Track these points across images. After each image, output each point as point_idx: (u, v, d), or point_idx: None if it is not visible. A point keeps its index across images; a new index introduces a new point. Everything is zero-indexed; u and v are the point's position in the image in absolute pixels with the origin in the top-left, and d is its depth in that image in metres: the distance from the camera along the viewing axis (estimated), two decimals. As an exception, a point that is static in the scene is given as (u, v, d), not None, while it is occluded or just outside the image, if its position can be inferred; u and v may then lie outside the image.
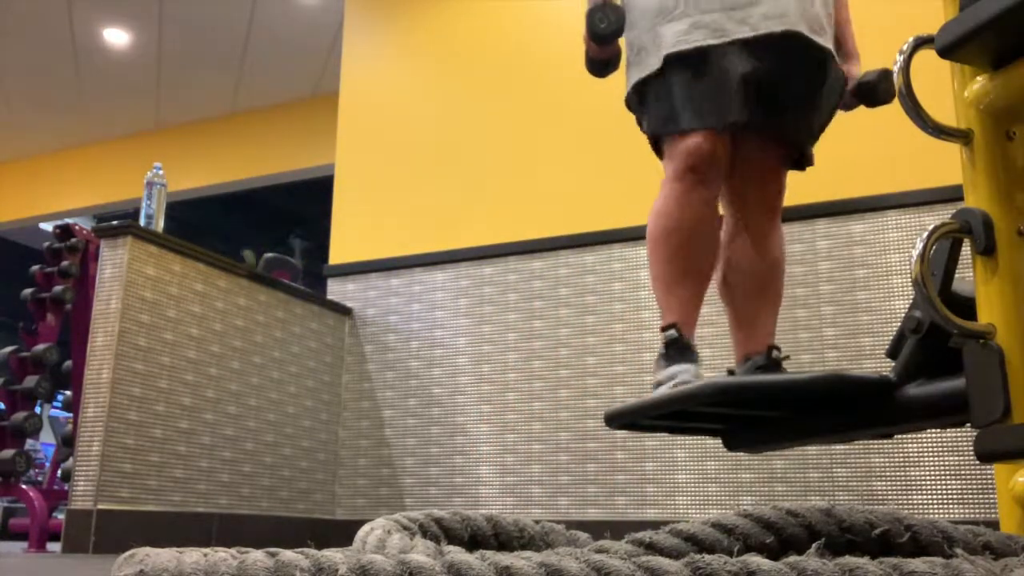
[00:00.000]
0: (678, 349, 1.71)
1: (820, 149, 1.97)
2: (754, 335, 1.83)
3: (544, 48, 4.05)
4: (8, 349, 4.09)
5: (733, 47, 1.70)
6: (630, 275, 3.54)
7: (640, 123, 1.92)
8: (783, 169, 1.93)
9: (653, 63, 1.77)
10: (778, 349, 1.83)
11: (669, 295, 1.75)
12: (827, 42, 1.81)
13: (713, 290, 1.87)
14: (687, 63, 1.73)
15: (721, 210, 1.93)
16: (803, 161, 1.95)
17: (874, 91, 1.91)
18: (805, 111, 1.86)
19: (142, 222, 3.29)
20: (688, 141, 1.73)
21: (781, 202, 1.94)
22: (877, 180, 3.23)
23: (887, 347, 1.30)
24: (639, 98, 1.87)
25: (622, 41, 1.88)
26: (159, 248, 3.22)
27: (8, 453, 3.72)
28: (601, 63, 1.88)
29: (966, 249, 1.07)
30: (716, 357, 3.27)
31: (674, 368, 1.68)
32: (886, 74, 1.90)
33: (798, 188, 3.35)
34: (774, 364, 1.79)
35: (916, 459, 2.96)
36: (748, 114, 1.71)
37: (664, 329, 1.74)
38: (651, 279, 1.81)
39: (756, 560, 0.69)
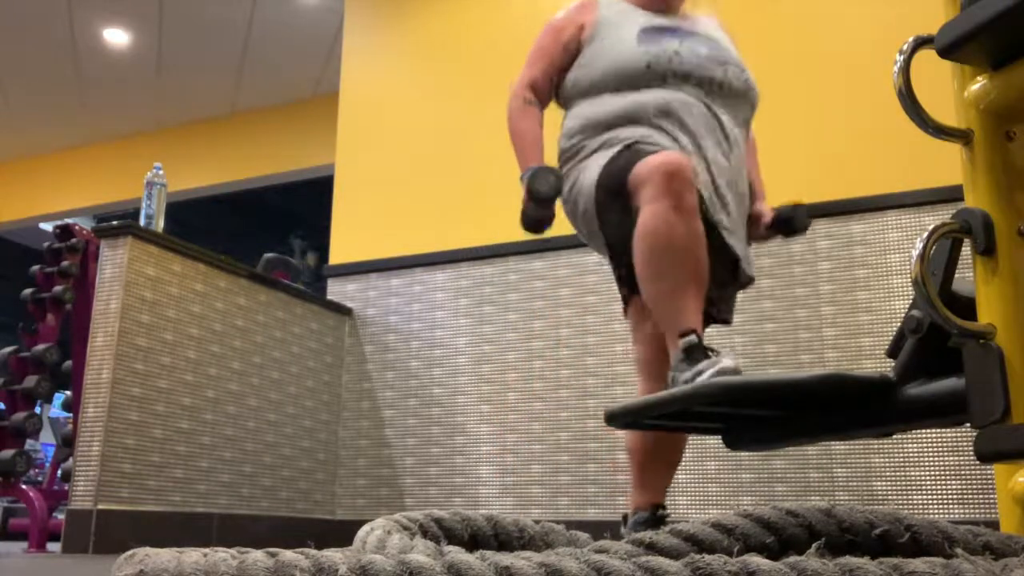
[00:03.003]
0: (702, 352, 1.65)
1: (821, 149, 1.97)
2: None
3: (544, 48, 4.04)
4: (8, 349, 4.09)
5: None
6: (630, 275, 3.55)
7: (600, 225, 1.92)
8: None
9: (615, 147, 1.85)
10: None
11: (676, 305, 1.70)
12: (738, 247, 1.89)
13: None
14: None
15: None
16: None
17: (790, 224, 2.01)
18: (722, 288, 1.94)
19: (142, 222, 3.29)
20: (658, 157, 1.73)
21: None
22: (877, 180, 3.23)
23: (887, 347, 1.30)
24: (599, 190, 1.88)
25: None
26: (159, 248, 3.22)
27: (8, 453, 3.72)
28: (537, 221, 1.94)
29: (966, 249, 1.07)
30: (716, 357, 3.26)
31: (706, 362, 1.61)
32: (797, 208, 2.01)
33: (799, 188, 3.36)
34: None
35: (916, 459, 2.96)
36: None
37: (683, 335, 1.67)
38: (649, 297, 1.76)
39: (756, 560, 0.69)
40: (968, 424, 1.06)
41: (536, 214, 1.92)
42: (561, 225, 4.11)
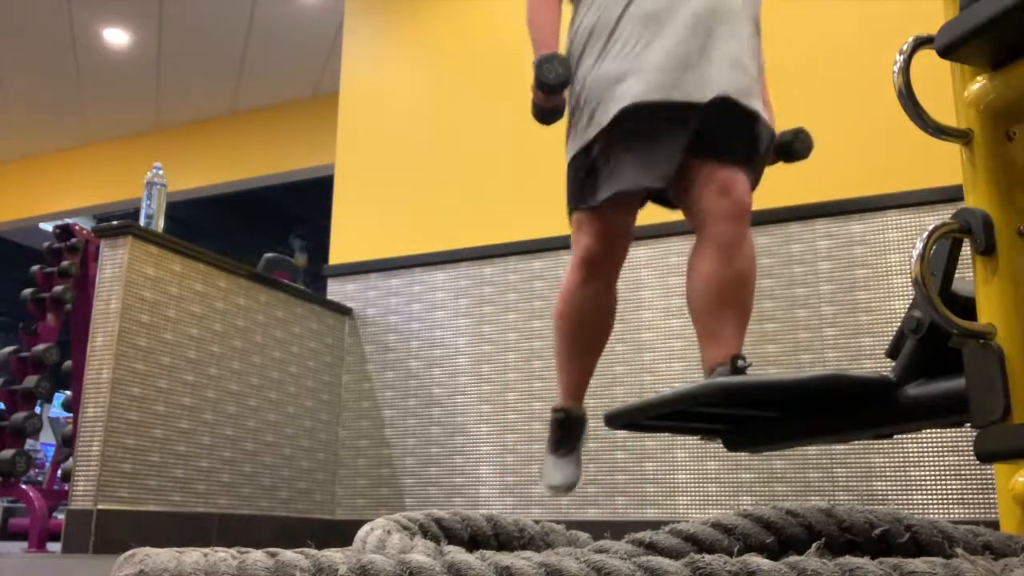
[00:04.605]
0: (564, 431, 1.99)
1: (821, 148, 1.97)
2: (716, 347, 1.81)
3: (544, 48, 4.04)
4: (8, 349, 4.10)
5: (673, 108, 1.78)
6: (630, 275, 3.54)
7: None
8: (743, 176, 1.88)
9: (600, 121, 1.84)
10: (743, 359, 1.77)
11: (562, 374, 2.01)
12: (756, 104, 1.87)
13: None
14: (635, 119, 1.79)
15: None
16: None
17: (790, 148, 2.02)
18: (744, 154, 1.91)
19: (142, 222, 3.29)
20: (583, 239, 1.92)
21: (746, 210, 1.89)
22: (877, 180, 3.23)
23: (887, 347, 1.30)
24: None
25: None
26: (159, 248, 3.22)
27: (8, 453, 3.73)
28: (547, 111, 1.96)
29: (966, 249, 1.07)
30: (716, 357, 3.26)
31: (549, 464, 1.99)
32: (799, 132, 2.00)
33: (798, 188, 3.36)
34: (738, 373, 1.74)
35: (916, 459, 2.96)
36: (678, 165, 1.79)
37: (555, 411, 1.99)
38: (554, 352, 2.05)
39: (756, 560, 0.69)
40: (968, 424, 1.06)
41: (543, 103, 1.93)
42: (561, 225, 4.10)
